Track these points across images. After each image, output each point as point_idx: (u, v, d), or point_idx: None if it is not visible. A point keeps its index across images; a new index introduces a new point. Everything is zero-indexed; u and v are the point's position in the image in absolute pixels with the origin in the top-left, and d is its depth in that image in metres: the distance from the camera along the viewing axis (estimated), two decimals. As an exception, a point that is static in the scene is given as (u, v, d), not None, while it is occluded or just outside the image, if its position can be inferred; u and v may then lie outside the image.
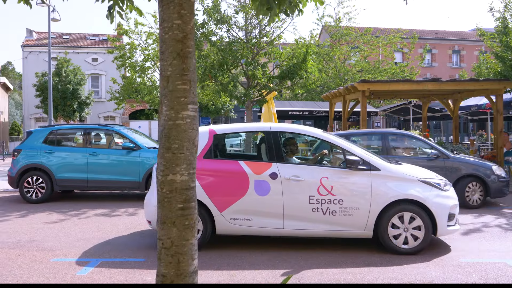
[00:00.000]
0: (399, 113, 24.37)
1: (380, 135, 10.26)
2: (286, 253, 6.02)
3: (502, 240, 6.74)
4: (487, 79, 13.91)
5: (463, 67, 39.18)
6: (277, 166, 6.11)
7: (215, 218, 6.09)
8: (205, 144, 6.28)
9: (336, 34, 25.63)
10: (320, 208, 5.96)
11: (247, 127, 7.19)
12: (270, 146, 6.27)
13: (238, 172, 6.09)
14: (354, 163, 5.98)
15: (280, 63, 15.50)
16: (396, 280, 4.98)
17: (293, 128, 6.93)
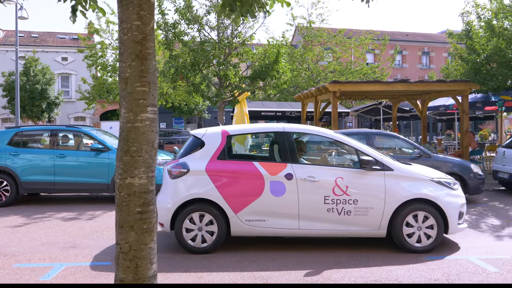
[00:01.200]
0: (370, 113, 24.74)
1: (364, 135, 10.48)
2: (254, 254, 6.02)
3: (465, 237, 6.90)
4: (454, 81, 14.26)
5: (432, 69, 40.07)
6: (292, 166, 6.11)
7: (230, 220, 6.03)
8: (218, 145, 6.23)
9: (309, 35, 25.82)
10: (335, 208, 6.00)
11: (259, 128, 7.07)
12: (284, 147, 6.26)
13: (253, 173, 6.06)
14: (369, 163, 6.04)
15: (252, 63, 15.53)
16: (362, 278, 5.04)
17: (305, 128, 6.90)
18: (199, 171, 6.07)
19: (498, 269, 5.35)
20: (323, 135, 6.71)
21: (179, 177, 6.10)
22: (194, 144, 6.41)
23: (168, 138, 24.53)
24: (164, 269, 5.34)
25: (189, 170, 6.09)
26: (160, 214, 6.08)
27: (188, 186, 6.06)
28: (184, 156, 6.32)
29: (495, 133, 30.03)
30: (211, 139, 6.29)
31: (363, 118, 32.44)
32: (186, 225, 6.02)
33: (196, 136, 6.44)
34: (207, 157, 6.17)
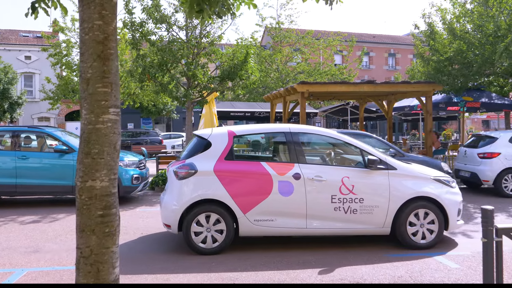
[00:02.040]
0: (338, 114, 25.09)
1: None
2: (222, 255, 6.01)
3: (428, 235, 7.10)
4: (418, 82, 14.63)
5: (398, 70, 41.00)
6: (299, 166, 6.17)
7: (239, 220, 6.04)
8: (225, 146, 6.23)
9: (278, 36, 25.96)
10: (342, 207, 6.11)
11: (265, 128, 7.09)
12: (291, 147, 6.32)
13: (261, 173, 6.09)
14: (374, 163, 6.17)
15: (221, 63, 15.48)
16: (329, 277, 5.11)
17: (310, 129, 6.92)
18: (207, 172, 6.05)
19: (458, 265, 5.52)
20: (328, 135, 6.82)
21: (187, 178, 6.06)
22: (199, 144, 6.40)
23: (136, 139, 24.20)
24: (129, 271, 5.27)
25: (197, 171, 6.06)
26: (167, 216, 6.12)
27: (197, 187, 6.03)
28: (189, 157, 6.28)
29: (457, 133, 30.98)
30: (217, 139, 6.30)
31: (331, 118, 32.89)
32: (195, 226, 6.01)
33: (202, 137, 6.44)
34: (215, 157, 6.16)
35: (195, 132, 6.90)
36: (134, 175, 9.97)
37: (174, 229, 6.10)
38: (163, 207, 6.26)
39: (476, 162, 11.25)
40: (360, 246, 6.42)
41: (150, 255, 6.06)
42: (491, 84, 18.57)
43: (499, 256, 3.32)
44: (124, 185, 9.82)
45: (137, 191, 10.27)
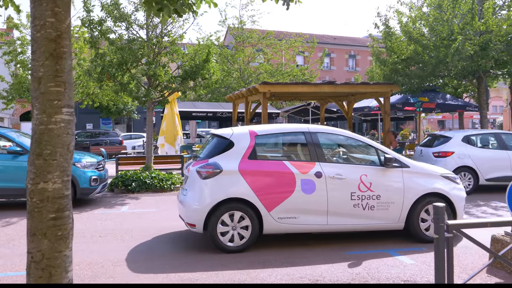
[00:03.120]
0: (299, 114, 25.35)
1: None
2: (180, 256, 5.96)
3: (383, 231, 7.26)
4: (377, 83, 14.99)
5: (358, 71, 41.86)
6: (320, 165, 6.36)
7: (264, 218, 6.12)
8: (248, 145, 6.35)
9: (240, 36, 25.98)
10: (361, 204, 6.34)
11: (285, 128, 7.15)
12: (311, 146, 6.51)
13: (285, 172, 6.22)
14: (391, 161, 6.46)
15: (182, 63, 15.34)
16: (289, 276, 5.15)
17: (327, 129, 7.05)
18: (232, 171, 6.13)
19: (414, 261, 5.70)
20: (343, 134, 7.01)
21: (211, 177, 6.12)
22: (221, 144, 6.50)
23: (95, 140, 23.62)
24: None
25: (222, 170, 6.13)
26: (191, 215, 6.15)
27: (222, 186, 6.09)
28: (211, 156, 6.35)
29: (414, 133, 31.95)
30: (240, 139, 6.40)
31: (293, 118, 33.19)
32: (220, 225, 6.06)
33: (224, 137, 6.54)
34: (238, 157, 6.26)
35: (214, 132, 7.04)
36: (92, 177, 9.74)
37: (199, 228, 6.12)
38: (186, 206, 6.25)
39: (431, 160, 11.63)
40: (320, 244, 6.51)
41: (97, 259, 5.94)
42: (446, 85, 19.27)
43: (450, 251, 3.44)
44: (82, 187, 9.57)
45: (95, 193, 10.03)
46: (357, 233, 7.16)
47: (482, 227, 3.46)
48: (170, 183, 11.85)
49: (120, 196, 11.07)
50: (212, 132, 7.21)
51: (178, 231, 7.40)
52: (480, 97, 15.36)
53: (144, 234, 7.21)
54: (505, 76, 15.79)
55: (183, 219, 6.44)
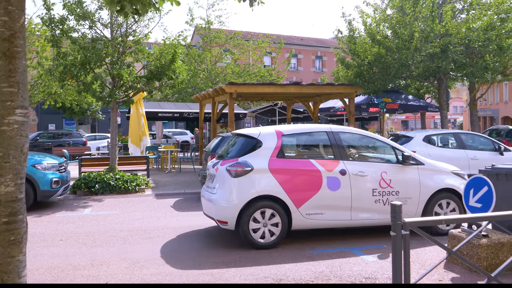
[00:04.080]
0: (266, 114, 25.48)
1: None
2: (143, 257, 5.89)
3: (347, 230, 7.41)
4: (341, 84, 15.25)
5: (325, 72, 42.41)
6: (344, 163, 6.64)
7: (292, 214, 6.32)
8: (275, 145, 6.56)
9: (208, 36, 25.87)
10: (381, 199, 6.64)
11: (309, 128, 7.39)
12: (335, 145, 6.79)
13: (312, 170, 6.45)
14: (409, 159, 6.83)
15: (148, 63, 15.16)
16: (253, 276, 5.17)
17: (348, 128, 7.37)
18: (263, 169, 6.33)
19: (375, 258, 5.83)
20: (362, 133, 7.40)
21: (242, 175, 6.29)
22: (248, 144, 6.70)
23: (57, 141, 23.01)
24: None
25: (253, 169, 6.31)
26: (223, 213, 6.28)
27: (254, 184, 6.27)
28: (239, 155, 6.54)
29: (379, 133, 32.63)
30: (267, 138, 6.62)
31: (260, 119, 33.32)
32: (252, 222, 6.23)
33: (251, 136, 6.75)
34: (267, 155, 6.47)
35: (240, 132, 7.29)
36: (53, 179, 9.49)
37: (231, 226, 6.25)
38: (217, 204, 6.36)
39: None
40: (286, 244, 6.55)
41: (57, 263, 5.81)
42: (408, 86, 19.77)
43: (407, 248, 3.53)
44: (43, 190, 9.32)
45: (57, 196, 9.79)
46: (322, 233, 7.27)
47: (438, 224, 3.56)
48: (135, 184, 11.68)
49: (82, 199, 10.84)
50: (237, 132, 7.48)
51: (141, 234, 7.31)
52: (441, 98, 15.83)
53: (107, 237, 7.09)
54: (464, 78, 16.33)
55: (213, 217, 6.54)
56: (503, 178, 5.68)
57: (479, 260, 5.15)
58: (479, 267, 3.80)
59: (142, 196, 11.27)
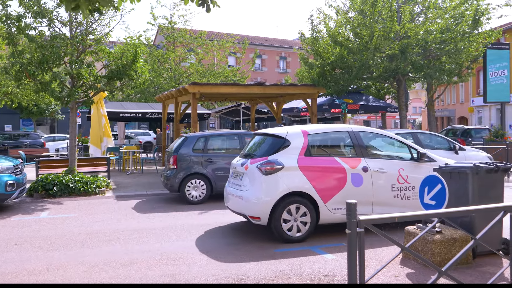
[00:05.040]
0: (230, 115, 25.46)
1: (237, 135, 11.08)
2: (102, 260, 5.78)
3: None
4: (304, 85, 15.42)
5: (289, 73, 42.78)
6: (365, 160, 7.02)
7: (320, 209, 6.66)
8: (302, 144, 6.88)
9: (171, 36, 25.58)
10: (399, 195, 7.06)
11: (332, 127, 7.69)
12: (356, 144, 7.16)
13: (337, 167, 6.81)
14: (424, 156, 7.25)
15: (109, 62, 14.86)
16: (213, 277, 5.16)
17: (367, 128, 7.75)
18: (293, 167, 6.65)
19: (335, 256, 5.92)
20: (379, 133, 7.85)
21: (273, 173, 6.59)
22: (277, 143, 7.01)
23: (14, 142, 22.23)
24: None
25: (284, 166, 6.62)
26: (255, 209, 6.57)
27: (285, 180, 6.57)
28: (269, 154, 6.85)
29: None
30: (295, 138, 6.93)
31: (225, 119, 33.27)
32: (284, 217, 6.54)
33: (279, 136, 7.05)
34: (295, 154, 6.78)
35: (267, 131, 7.58)
36: (8, 182, 9.17)
37: (264, 221, 6.55)
38: (249, 201, 6.67)
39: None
40: (249, 244, 6.59)
41: (11, 268, 5.62)
42: (369, 87, 20.22)
43: (362, 245, 3.61)
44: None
45: (12, 199, 9.46)
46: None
47: (391, 221, 3.67)
48: (95, 186, 11.43)
49: (40, 202, 10.52)
50: (263, 131, 7.82)
51: (100, 237, 7.17)
52: (400, 99, 16.26)
53: (64, 241, 6.91)
54: (422, 79, 16.83)
55: (244, 213, 6.84)
56: (455, 176, 5.90)
57: (433, 256, 5.33)
58: (430, 262, 3.93)
59: (103, 198, 11.05)
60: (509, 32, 29.77)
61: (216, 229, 7.61)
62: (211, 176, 10.31)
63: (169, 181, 10.28)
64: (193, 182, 10.22)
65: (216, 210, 9.34)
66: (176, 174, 10.19)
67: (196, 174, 10.26)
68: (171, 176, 10.23)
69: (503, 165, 5.96)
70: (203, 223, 8.08)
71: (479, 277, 5.01)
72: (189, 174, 10.22)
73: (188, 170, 10.24)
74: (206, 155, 10.44)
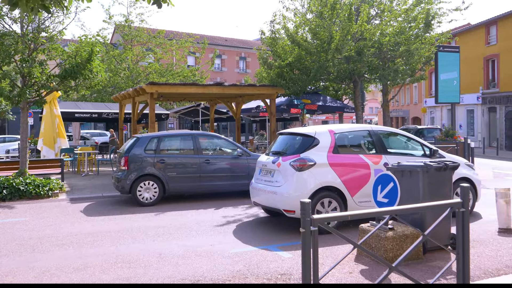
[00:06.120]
0: (190, 115, 25.24)
1: (191, 136, 10.90)
2: (54, 265, 5.60)
3: (266, 229, 7.58)
4: (263, 85, 15.50)
5: (248, 73, 42.86)
6: (385, 157, 7.59)
7: (348, 202, 7.20)
8: (330, 142, 7.41)
9: (128, 35, 25.07)
10: None
11: (354, 127, 8.36)
12: (376, 142, 7.76)
13: (362, 163, 7.37)
14: (436, 153, 7.90)
15: (63, 61, 14.42)
16: (170, 279, 5.10)
17: (385, 128, 8.41)
18: (323, 164, 7.18)
19: (291, 255, 5.99)
20: (395, 132, 8.42)
21: (306, 169, 7.11)
22: (306, 141, 7.52)
23: (-39, 143, 21.18)
24: None
25: (315, 163, 7.14)
26: (290, 203, 6.99)
27: (317, 176, 7.07)
28: (300, 152, 7.36)
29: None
30: (323, 137, 7.44)
31: (184, 119, 32.98)
32: (316, 210, 7.01)
33: (308, 135, 7.56)
34: (325, 151, 7.31)
35: (296, 131, 8.11)
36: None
37: (299, 214, 6.36)
38: (284, 195, 7.12)
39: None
40: (207, 244, 6.56)
41: None
42: (327, 88, 20.56)
43: (315, 244, 3.66)
44: None
45: (-42, 203, 9.00)
46: (246, 231, 7.37)
47: (344, 220, 3.74)
48: (47, 189, 11.04)
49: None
50: (290, 131, 8.41)
51: (52, 241, 6.95)
52: (356, 100, 16.62)
53: (14, 246, 6.65)
54: (377, 80, 17.28)
55: (278, 207, 7.27)
56: (407, 175, 6.09)
57: (386, 252, 5.49)
58: (381, 258, 4.04)
59: (56, 201, 10.70)
60: (459, 35, 31.09)
61: (173, 231, 7.53)
62: (164, 177, 10.13)
63: (120, 183, 10.04)
64: (145, 183, 10.02)
65: (173, 212, 9.25)
66: (127, 176, 9.97)
67: (148, 175, 10.07)
68: (122, 177, 10.00)
69: (451, 163, 6.22)
70: (160, 225, 7.98)
71: (429, 272, 5.20)
72: (141, 175, 10.01)
73: (140, 171, 10.03)
74: (158, 156, 10.26)
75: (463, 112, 32.78)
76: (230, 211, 9.19)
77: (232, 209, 9.46)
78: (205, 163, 10.49)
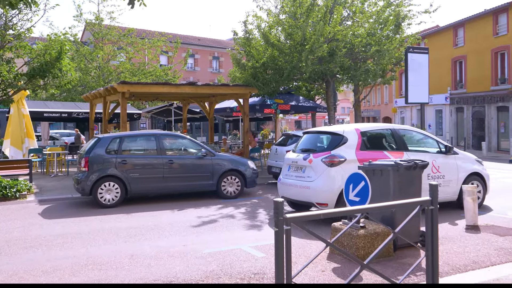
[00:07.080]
0: (162, 115, 25.00)
1: (154, 136, 10.68)
2: (22, 268, 5.46)
3: (239, 228, 7.58)
4: (236, 85, 15.48)
5: (222, 73, 42.73)
6: (407, 154, 8.05)
7: None
8: (357, 139, 7.89)
9: (99, 33, 24.63)
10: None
11: (376, 126, 9.13)
12: (398, 139, 8.28)
13: (386, 159, 7.37)
14: (451, 150, 8.59)
15: (31, 59, 14.07)
16: (142, 280, 5.04)
17: (403, 127, 8.94)
18: (353, 160, 7.63)
19: (264, 254, 6.01)
20: (412, 130, 8.99)
21: (337, 165, 7.60)
22: (336, 139, 8.01)
23: None
24: None
25: (346, 159, 7.63)
26: (323, 196, 7.58)
27: (347, 171, 7.06)
28: (330, 149, 7.89)
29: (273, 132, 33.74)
30: (351, 135, 7.93)
31: (156, 119, 32.65)
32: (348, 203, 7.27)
33: (337, 133, 8.06)
34: (353, 149, 7.79)
35: (325, 130, 8.58)
36: None
37: (332, 207, 7.46)
38: (317, 190, 7.64)
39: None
40: (180, 244, 6.51)
41: None
42: (300, 88, 20.69)
43: (288, 243, 3.68)
44: None
45: None
46: (216, 232, 7.35)
47: (316, 218, 3.76)
48: (15, 190, 10.75)
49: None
50: (319, 129, 8.90)
51: (20, 243, 6.76)
52: (328, 100, 16.79)
53: (-20, 249, 6.44)
54: (349, 80, 17.50)
55: (311, 201, 7.81)
56: (378, 174, 6.20)
57: (358, 250, 5.57)
58: (353, 256, 4.09)
59: (23, 202, 10.42)
60: (428, 37, 31.81)
61: (145, 232, 7.45)
62: (126, 179, 9.94)
63: (80, 184, 9.77)
64: (106, 185, 9.79)
65: (145, 212, 9.15)
66: (87, 177, 9.73)
67: (110, 176, 9.85)
68: (83, 178, 9.75)
69: (421, 162, 6.36)
70: (132, 226, 7.88)
71: (399, 269, 5.31)
72: (102, 176, 9.79)
73: (101, 173, 9.79)
74: (120, 156, 10.04)
75: (432, 112, 33.57)
76: (203, 211, 9.15)
77: (205, 209, 9.43)
78: (168, 163, 10.32)
